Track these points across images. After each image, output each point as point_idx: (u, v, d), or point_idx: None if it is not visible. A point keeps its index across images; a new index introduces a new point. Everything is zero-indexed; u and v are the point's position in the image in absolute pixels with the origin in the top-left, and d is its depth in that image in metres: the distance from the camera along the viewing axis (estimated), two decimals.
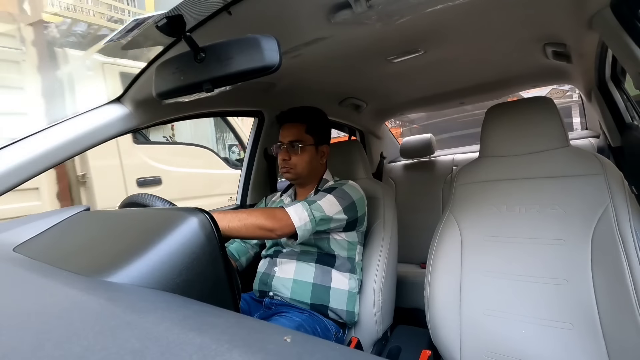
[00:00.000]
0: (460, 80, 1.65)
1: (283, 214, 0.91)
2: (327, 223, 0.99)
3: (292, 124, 1.13)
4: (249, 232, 0.86)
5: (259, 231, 0.87)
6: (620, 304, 0.75)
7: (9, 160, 0.74)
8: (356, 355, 0.24)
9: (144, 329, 0.24)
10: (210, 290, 0.41)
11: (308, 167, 1.13)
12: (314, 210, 0.96)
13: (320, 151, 1.16)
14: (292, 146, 1.11)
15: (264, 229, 0.87)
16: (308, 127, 1.13)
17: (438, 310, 0.97)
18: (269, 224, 0.87)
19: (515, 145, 1.03)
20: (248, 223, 0.84)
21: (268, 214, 0.89)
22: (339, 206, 1.01)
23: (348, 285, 1.07)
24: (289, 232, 0.91)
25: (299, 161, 1.12)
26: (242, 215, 0.85)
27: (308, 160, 1.13)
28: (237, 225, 0.82)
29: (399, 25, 0.90)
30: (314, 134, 1.13)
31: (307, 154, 1.12)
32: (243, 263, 1.18)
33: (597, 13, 0.83)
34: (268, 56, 0.56)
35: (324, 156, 1.18)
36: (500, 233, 0.95)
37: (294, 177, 1.14)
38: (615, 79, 1.34)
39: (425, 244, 1.11)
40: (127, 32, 0.68)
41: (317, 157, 1.15)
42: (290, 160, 1.11)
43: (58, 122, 0.83)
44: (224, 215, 0.83)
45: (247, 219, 0.84)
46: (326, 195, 1.02)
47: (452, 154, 2.22)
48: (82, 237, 0.52)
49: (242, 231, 0.84)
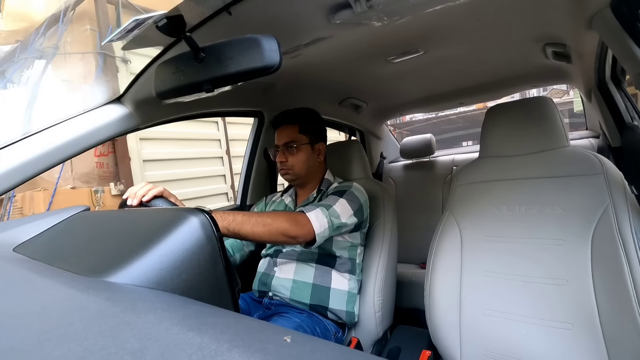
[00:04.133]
0: (460, 80, 1.65)
1: (305, 220, 0.91)
2: (340, 229, 1.00)
3: (286, 126, 1.14)
4: (272, 238, 0.85)
5: (282, 237, 0.86)
6: (620, 304, 0.75)
7: (9, 160, 0.74)
8: (356, 355, 0.24)
9: (143, 329, 0.24)
10: (209, 290, 0.41)
11: (306, 166, 1.14)
12: (332, 217, 0.96)
13: (316, 149, 1.16)
14: (288, 147, 1.12)
15: (287, 235, 0.86)
16: (301, 127, 1.13)
17: (438, 311, 0.97)
18: (292, 231, 0.86)
19: (515, 145, 1.02)
20: (272, 229, 0.83)
21: (292, 220, 0.88)
22: (350, 210, 1.02)
23: (348, 285, 1.07)
24: (309, 239, 0.91)
25: (296, 161, 1.12)
26: (267, 220, 0.83)
27: (305, 160, 1.13)
28: (261, 231, 0.81)
29: (399, 25, 0.90)
30: (308, 133, 1.14)
31: (303, 153, 1.13)
32: (237, 260, 1.17)
33: (597, 13, 0.82)
34: (268, 56, 0.56)
35: (320, 154, 1.18)
36: (500, 233, 0.95)
37: (293, 177, 1.15)
38: (615, 79, 1.34)
39: (425, 244, 1.11)
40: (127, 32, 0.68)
41: (313, 156, 1.16)
42: (287, 162, 1.12)
43: (58, 122, 0.83)
44: (248, 218, 0.81)
45: (271, 224, 0.83)
46: (338, 199, 1.02)
47: (452, 154, 2.22)
48: (82, 237, 0.52)
49: (265, 237, 0.83)
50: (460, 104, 2.20)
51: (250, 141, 1.55)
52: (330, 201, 1.01)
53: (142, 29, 0.65)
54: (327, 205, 0.98)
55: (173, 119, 1.14)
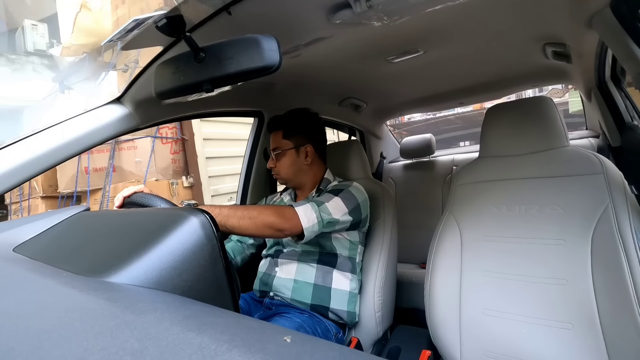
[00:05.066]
0: (460, 80, 1.65)
1: (292, 213, 0.92)
2: (333, 225, 1.00)
3: (274, 132, 1.16)
4: (259, 231, 0.85)
5: (269, 230, 0.87)
6: (620, 304, 0.75)
7: (9, 160, 0.74)
8: (356, 355, 0.24)
9: (143, 329, 0.24)
10: (209, 290, 0.41)
11: (291, 171, 1.15)
12: (322, 213, 0.96)
13: (302, 152, 1.15)
14: (275, 153, 1.15)
15: (273, 228, 0.87)
16: (285, 133, 1.14)
17: (438, 311, 0.97)
18: (278, 224, 0.87)
19: (515, 145, 1.02)
20: (259, 222, 0.84)
21: (279, 212, 0.89)
22: (345, 208, 1.02)
23: (349, 286, 1.07)
24: (296, 232, 0.92)
25: (281, 167, 1.15)
26: (253, 213, 0.84)
27: (289, 165, 1.14)
28: (247, 224, 0.82)
29: (399, 25, 0.90)
30: (292, 138, 1.14)
31: (287, 158, 1.14)
32: (238, 262, 1.18)
33: (597, 13, 0.83)
34: (268, 56, 0.56)
35: (308, 157, 1.16)
36: (500, 233, 0.95)
37: (284, 182, 1.19)
38: (615, 79, 1.34)
39: (425, 244, 1.11)
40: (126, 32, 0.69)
41: (299, 160, 1.15)
42: (275, 167, 1.15)
43: (58, 122, 0.83)
44: (234, 211, 0.82)
45: (257, 217, 0.84)
46: (333, 197, 1.02)
47: (452, 154, 2.22)
48: (82, 237, 0.52)
49: (251, 229, 0.84)
50: (460, 104, 2.20)
51: (250, 141, 1.55)
52: (324, 198, 1.01)
53: (142, 29, 0.65)
54: (318, 201, 0.99)
55: (173, 119, 1.14)
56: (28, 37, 5.99)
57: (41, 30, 6.11)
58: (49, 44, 6.15)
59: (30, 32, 6.01)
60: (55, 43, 6.09)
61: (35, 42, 6.03)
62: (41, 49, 6.06)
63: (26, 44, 5.98)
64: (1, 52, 5.83)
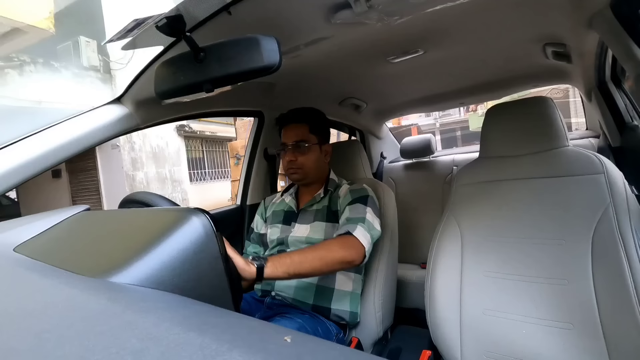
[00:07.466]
0: (460, 80, 1.65)
1: (355, 242, 0.92)
2: (375, 238, 1.01)
3: (295, 124, 1.13)
4: (329, 269, 0.87)
5: (339, 265, 0.89)
6: (620, 304, 0.75)
7: (9, 160, 0.74)
8: (356, 355, 0.24)
9: (144, 329, 0.24)
10: (210, 290, 0.41)
11: (315, 167, 1.14)
12: (371, 231, 0.97)
13: (324, 151, 1.17)
14: (298, 147, 1.11)
15: (344, 262, 0.88)
16: (311, 127, 1.13)
17: (438, 311, 0.97)
18: (348, 257, 0.88)
19: (515, 145, 1.02)
20: (329, 261, 0.85)
21: (344, 244, 0.90)
22: (377, 218, 1.03)
23: (352, 286, 1.07)
24: (363, 258, 0.93)
25: (307, 161, 1.12)
26: (322, 253, 0.85)
27: (315, 160, 1.13)
28: (319, 265, 0.83)
29: (399, 25, 0.90)
30: (317, 134, 1.14)
31: (313, 153, 1.13)
32: None
33: (597, 13, 0.83)
34: (268, 56, 0.56)
35: (327, 155, 1.18)
36: (501, 233, 0.95)
37: (302, 177, 1.14)
38: (615, 79, 1.34)
39: (426, 244, 1.11)
40: (127, 32, 0.68)
41: (321, 157, 1.16)
42: (297, 161, 1.11)
43: (58, 122, 0.83)
44: (304, 256, 0.82)
45: (327, 255, 0.85)
46: (364, 207, 1.03)
47: (452, 154, 2.22)
48: (83, 237, 0.52)
49: (324, 270, 0.86)
50: (461, 104, 2.20)
51: (250, 141, 1.55)
52: (360, 212, 1.01)
53: (142, 29, 0.65)
54: (361, 218, 0.99)
55: (173, 119, 1.14)
56: (83, 53, 6.06)
57: (93, 47, 6.19)
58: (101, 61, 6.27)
59: (84, 49, 6.06)
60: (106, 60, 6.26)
61: (89, 58, 6.12)
62: (95, 64, 6.17)
63: (82, 60, 6.06)
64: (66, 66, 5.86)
